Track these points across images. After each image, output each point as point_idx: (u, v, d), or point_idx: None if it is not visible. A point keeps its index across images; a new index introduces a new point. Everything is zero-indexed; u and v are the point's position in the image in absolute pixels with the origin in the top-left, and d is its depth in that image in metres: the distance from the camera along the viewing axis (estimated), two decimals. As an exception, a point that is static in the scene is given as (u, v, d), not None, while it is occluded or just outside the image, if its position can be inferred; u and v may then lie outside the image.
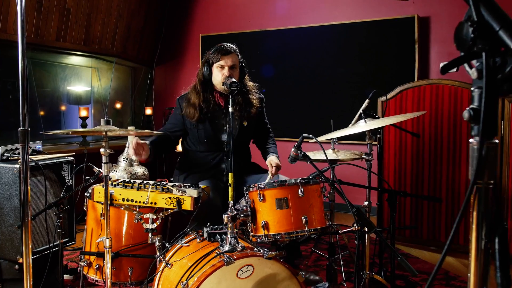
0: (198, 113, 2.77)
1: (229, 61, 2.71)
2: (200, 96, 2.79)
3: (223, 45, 2.76)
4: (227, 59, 2.71)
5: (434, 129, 3.66)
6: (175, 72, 6.09)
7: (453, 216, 3.60)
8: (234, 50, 2.77)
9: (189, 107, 2.80)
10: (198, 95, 2.79)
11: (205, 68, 2.76)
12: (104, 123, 2.07)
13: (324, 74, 5.00)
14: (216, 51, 2.74)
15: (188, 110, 2.80)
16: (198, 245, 2.11)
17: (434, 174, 3.67)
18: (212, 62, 2.74)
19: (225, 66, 2.71)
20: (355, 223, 1.82)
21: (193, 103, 2.79)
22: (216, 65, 2.73)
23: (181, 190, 2.17)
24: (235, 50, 2.78)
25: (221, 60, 2.71)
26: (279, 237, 1.95)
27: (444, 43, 4.53)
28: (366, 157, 2.35)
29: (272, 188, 1.97)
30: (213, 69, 2.76)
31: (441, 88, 3.64)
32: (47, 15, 4.21)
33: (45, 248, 2.60)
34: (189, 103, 2.81)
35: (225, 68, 2.71)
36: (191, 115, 2.79)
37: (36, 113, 4.76)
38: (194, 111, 2.78)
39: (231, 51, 2.74)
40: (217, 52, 2.73)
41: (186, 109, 2.81)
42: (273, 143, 3.07)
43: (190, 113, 2.79)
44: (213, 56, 2.74)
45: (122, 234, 2.44)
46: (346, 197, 1.83)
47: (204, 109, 2.78)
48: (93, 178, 2.44)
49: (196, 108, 2.77)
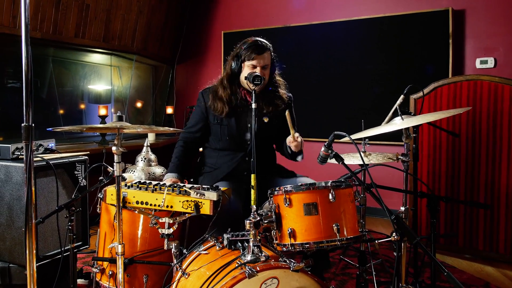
0: (227, 107, 2.59)
1: (262, 61, 2.53)
2: (227, 90, 2.61)
3: (258, 42, 2.56)
4: (260, 59, 2.52)
5: (472, 128, 3.40)
6: (196, 70, 5.95)
7: (492, 222, 3.33)
8: (268, 48, 2.57)
9: (216, 101, 2.62)
10: (225, 90, 2.62)
11: (234, 62, 2.57)
12: (117, 119, 1.90)
13: (350, 71, 4.79)
14: (249, 48, 2.53)
15: (216, 104, 2.62)
16: (217, 253, 1.93)
17: (472, 176, 3.41)
18: (244, 59, 2.54)
19: (257, 66, 2.52)
20: (395, 233, 1.60)
21: (221, 97, 2.61)
22: (247, 63, 2.53)
23: (200, 192, 1.99)
24: (269, 47, 2.59)
25: (254, 59, 2.51)
26: (307, 246, 1.74)
27: (480, 38, 4.26)
28: (403, 158, 2.12)
29: (300, 191, 1.77)
30: (244, 66, 2.56)
31: (479, 84, 3.37)
32: (65, 10, 4.11)
33: (57, 252, 2.46)
34: (217, 96, 2.63)
35: (257, 68, 2.52)
36: (219, 109, 2.60)
37: (56, 111, 4.69)
38: (223, 105, 2.60)
39: (265, 49, 2.55)
40: (250, 49, 2.52)
41: (213, 103, 2.63)
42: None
43: (218, 107, 2.61)
44: (245, 52, 2.53)
45: (137, 239, 2.28)
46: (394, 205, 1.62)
47: (233, 103, 2.61)
48: (107, 178, 2.28)
49: (224, 102, 2.60)
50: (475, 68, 4.28)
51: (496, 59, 4.20)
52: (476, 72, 4.20)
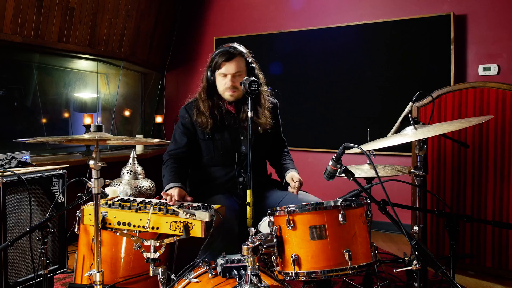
0: (211, 121, 2.35)
1: (232, 68, 2.29)
2: (207, 104, 2.37)
3: (226, 48, 2.34)
4: (229, 66, 2.29)
5: (478, 139, 3.20)
6: (187, 78, 5.73)
7: (500, 237, 3.13)
8: (238, 53, 2.33)
9: (200, 116, 2.38)
10: (204, 103, 2.38)
11: (208, 72, 2.36)
12: (95, 129, 1.66)
13: (349, 78, 4.60)
14: (217, 55, 2.32)
15: (200, 119, 2.37)
16: (209, 281, 1.69)
17: (478, 190, 3.20)
18: (215, 68, 2.33)
19: (227, 75, 2.30)
20: (416, 261, 1.37)
21: (203, 112, 2.37)
22: (217, 72, 2.33)
23: (189, 212, 1.76)
24: (240, 52, 2.34)
25: (222, 67, 2.30)
26: (313, 276, 1.51)
27: (483, 44, 4.10)
28: (416, 172, 1.91)
29: (305, 212, 1.54)
30: (216, 75, 2.35)
31: (486, 92, 3.19)
32: (48, 14, 3.87)
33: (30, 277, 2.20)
34: (199, 111, 2.39)
35: (227, 77, 2.30)
36: (204, 124, 2.36)
37: (39, 120, 4.43)
38: (207, 120, 2.35)
39: (234, 55, 2.31)
40: (218, 56, 2.31)
41: (197, 118, 2.39)
42: (291, 159, 2.62)
43: (203, 123, 2.36)
44: (215, 61, 2.32)
45: (120, 263, 2.04)
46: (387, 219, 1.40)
47: (217, 116, 2.37)
48: (86, 195, 2.03)
49: (207, 116, 2.36)
50: (478, 75, 4.12)
51: (499, 66, 4.04)
52: (479, 80, 4.03)
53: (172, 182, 2.20)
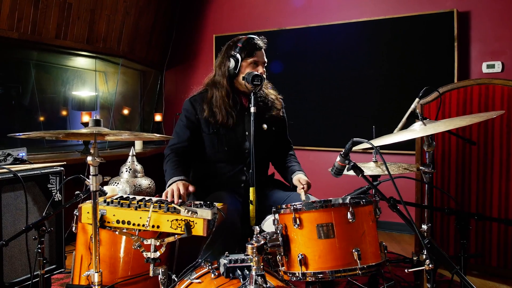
0: (227, 115, 2.27)
1: (263, 57, 2.29)
2: (230, 94, 2.30)
3: (255, 38, 2.30)
4: (261, 55, 2.28)
5: (484, 136, 3.14)
6: (186, 76, 5.67)
7: (506, 236, 3.07)
8: (265, 44, 2.33)
9: (215, 107, 2.28)
10: (228, 94, 2.29)
11: (232, 60, 2.27)
12: (93, 124, 1.60)
13: (350, 76, 4.55)
14: (248, 44, 2.26)
15: (214, 111, 2.28)
16: (212, 282, 1.63)
17: (484, 188, 3.14)
18: (244, 57, 2.25)
19: (259, 63, 2.27)
20: (429, 261, 1.31)
21: (220, 105, 2.27)
22: (249, 60, 2.25)
23: (191, 210, 1.70)
24: (265, 44, 2.34)
25: (255, 56, 2.25)
26: (321, 276, 1.45)
27: (487, 41, 4.05)
28: (425, 169, 1.85)
29: (312, 210, 1.48)
30: (242, 65, 2.26)
31: (491, 89, 3.13)
32: (45, 9, 3.81)
33: (26, 278, 2.14)
34: (213, 104, 2.30)
35: (259, 66, 2.26)
36: (218, 117, 2.27)
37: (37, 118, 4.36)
38: (223, 113, 2.26)
39: (263, 45, 2.31)
40: (250, 45, 2.26)
41: (208, 111, 2.29)
42: (297, 161, 2.52)
43: (216, 116, 2.27)
44: (244, 49, 2.25)
45: (119, 263, 1.98)
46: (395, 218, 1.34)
47: (234, 110, 2.30)
48: (84, 193, 1.97)
49: (223, 109, 2.27)
50: (481, 73, 4.06)
51: (503, 63, 3.99)
52: (483, 77, 3.98)
53: (175, 176, 2.11)
